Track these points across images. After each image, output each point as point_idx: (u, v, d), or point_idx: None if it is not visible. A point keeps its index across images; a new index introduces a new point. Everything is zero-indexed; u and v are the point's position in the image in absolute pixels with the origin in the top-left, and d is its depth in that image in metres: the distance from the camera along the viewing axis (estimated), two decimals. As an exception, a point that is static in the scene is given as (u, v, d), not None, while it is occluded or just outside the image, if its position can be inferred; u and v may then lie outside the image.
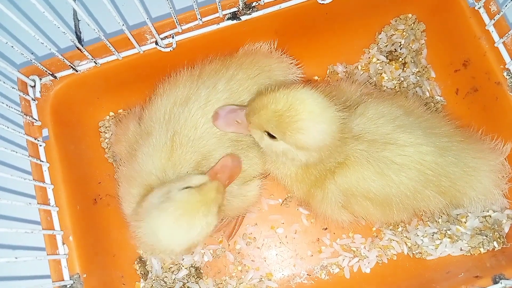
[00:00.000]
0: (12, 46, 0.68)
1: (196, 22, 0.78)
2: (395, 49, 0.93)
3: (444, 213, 0.81)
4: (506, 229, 0.80)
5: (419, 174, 0.69)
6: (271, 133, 0.65)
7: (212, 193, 0.63)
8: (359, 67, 0.94)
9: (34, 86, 0.78)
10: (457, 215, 0.83)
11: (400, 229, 0.86)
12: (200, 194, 0.62)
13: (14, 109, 0.71)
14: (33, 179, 0.74)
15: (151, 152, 0.70)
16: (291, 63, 0.84)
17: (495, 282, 0.70)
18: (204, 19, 0.78)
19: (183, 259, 0.86)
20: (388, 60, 0.93)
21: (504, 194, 0.76)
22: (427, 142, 0.69)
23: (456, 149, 0.72)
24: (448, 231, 0.82)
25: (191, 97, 0.72)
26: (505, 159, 0.76)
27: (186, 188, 0.63)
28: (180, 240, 0.62)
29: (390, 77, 0.92)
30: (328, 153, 0.66)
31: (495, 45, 0.78)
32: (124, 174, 0.74)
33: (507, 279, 0.69)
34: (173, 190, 0.63)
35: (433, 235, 0.83)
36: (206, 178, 0.66)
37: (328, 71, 0.95)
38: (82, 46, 0.75)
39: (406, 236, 0.85)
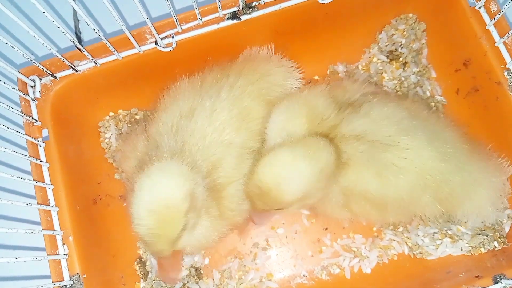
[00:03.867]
0: (12, 46, 0.68)
1: (196, 22, 0.78)
2: (395, 49, 0.93)
3: (440, 219, 0.81)
4: (507, 229, 0.81)
5: (418, 178, 0.68)
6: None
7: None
8: (360, 67, 0.94)
9: (34, 86, 0.78)
10: (458, 215, 0.83)
11: (400, 229, 0.86)
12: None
13: (14, 109, 0.70)
14: (33, 179, 0.74)
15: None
16: (291, 66, 0.84)
17: (496, 282, 0.69)
18: (204, 19, 0.78)
19: (183, 260, 0.86)
20: (388, 60, 0.92)
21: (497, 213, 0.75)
22: (429, 147, 0.68)
23: (459, 157, 0.71)
24: (448, 231, 0.82)
25: (197, 108, 0.72)
26: (507, 179, 0.76)
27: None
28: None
29: (391, 77, 0.92)
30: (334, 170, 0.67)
31: (496, 44, 0.77)
32: None
33: (508, 279, 0.69)
34: None
35: (433, 235, 0.83)
36: None
37: (328, 71, 0.94)
38: (82, 46, 0.75)
39: (406, 236, 0.85)
